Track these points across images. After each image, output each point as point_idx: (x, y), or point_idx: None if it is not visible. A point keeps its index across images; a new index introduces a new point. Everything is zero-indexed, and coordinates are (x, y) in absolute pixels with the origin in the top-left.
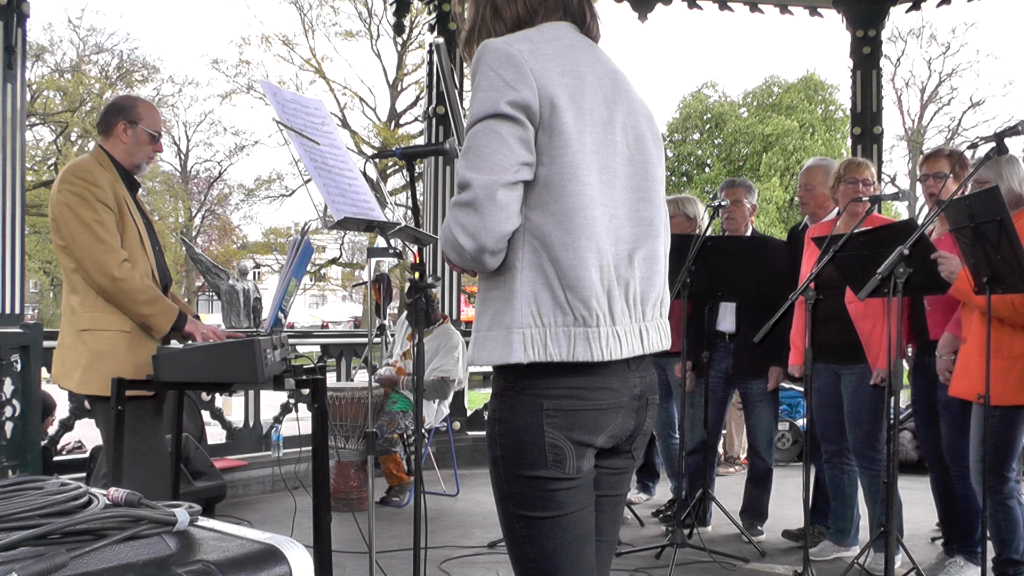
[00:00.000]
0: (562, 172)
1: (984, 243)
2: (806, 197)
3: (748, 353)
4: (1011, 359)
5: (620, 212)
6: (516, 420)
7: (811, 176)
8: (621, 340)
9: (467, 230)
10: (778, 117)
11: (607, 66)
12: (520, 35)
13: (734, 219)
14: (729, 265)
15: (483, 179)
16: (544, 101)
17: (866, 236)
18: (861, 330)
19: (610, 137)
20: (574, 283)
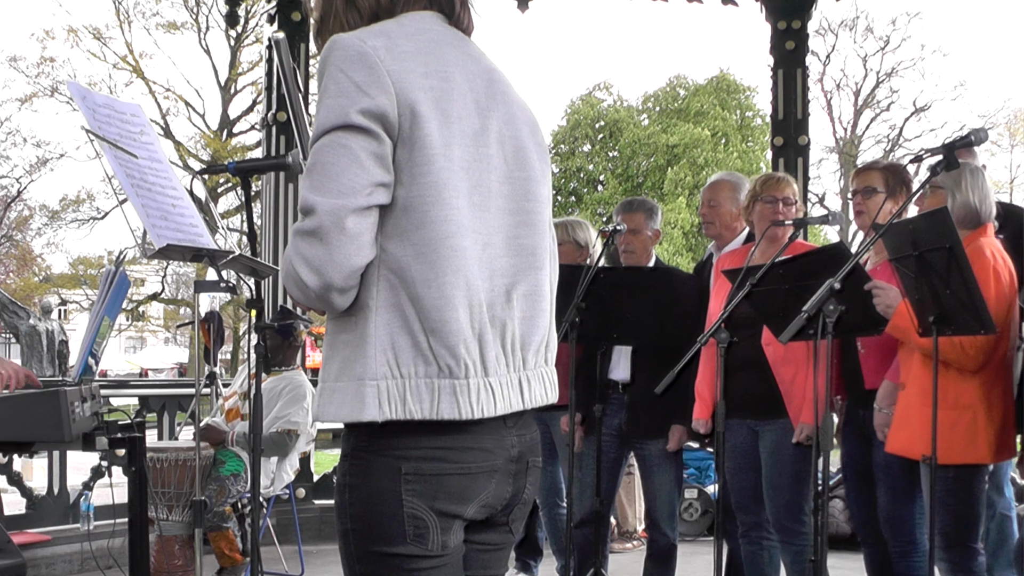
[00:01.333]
0: (425, 194)
1: (930, 275)
2: (710, 216)
3: (645, 407)
4: (958, 410)
5: (496, 240)
6: (369, 487)
7: (717, 192)
8: (496, 394)
9: (311, 264)
10: (685, 125)
11: (480, 64)
12: (376, 28)
13: (633, 247)
14: (627, 302)
15: (330, 203)
16: (403, 109)
17: (788, 267)
18: (782, 378)
19: (483, 150)
20: (439, 326)
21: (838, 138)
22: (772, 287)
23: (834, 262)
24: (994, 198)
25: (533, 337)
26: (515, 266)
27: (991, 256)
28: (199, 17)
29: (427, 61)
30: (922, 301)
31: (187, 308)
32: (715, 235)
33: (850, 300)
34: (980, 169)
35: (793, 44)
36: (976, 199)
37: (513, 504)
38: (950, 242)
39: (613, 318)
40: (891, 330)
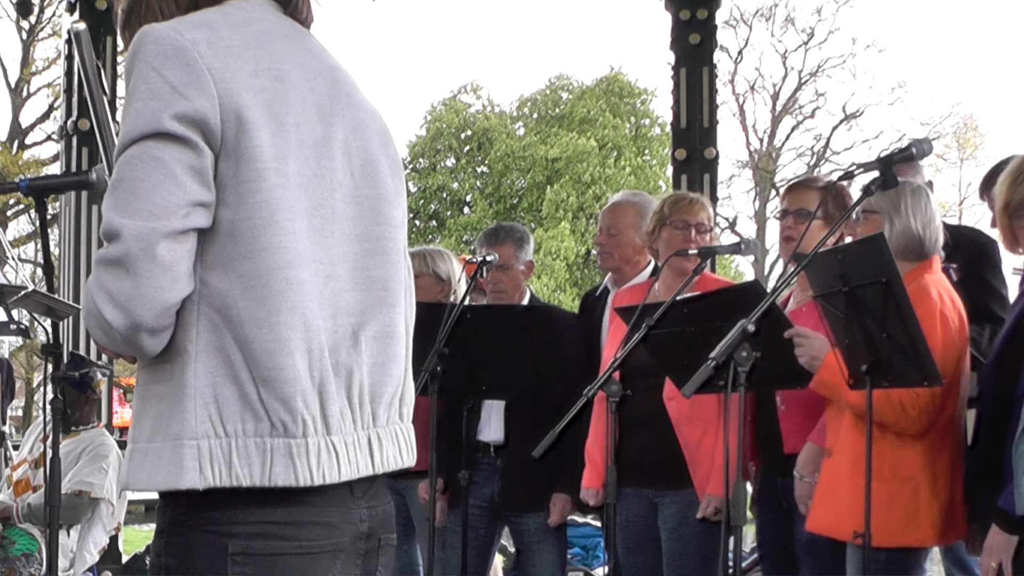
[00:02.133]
0: (254, 215)
1: (863, 315)
2: (609, 246)
3: (522, 474)
4: (897, 482)
5: (340, 271)
6: (190, 569)
7: (618, 216)
8: (340, 456)
9: (115, 299)
10: (568, 135)
11: (322, 62)
12: (196, 18)
13: (502, 286)
14: (497, 347)
15: (138, 226)
16: (228, 114)
17: (693, 305)
18: (686, 440)
19: (326, 163)
20: (271, 374)
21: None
22: (674, 329)
23: (749, 301)
24: (940, 224)
25: (385, 387)
26: (363, 302)
27: (938, 297)
28: None
29: (257, 57)
30: (853, 347)
31: None
32: (613, 268)
33: (767, 346)
34: (923, 188)
35: (698, 38)
36: (919, 225)
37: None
38: (886, 275)
39: (482, 366)
40: (817, 386)
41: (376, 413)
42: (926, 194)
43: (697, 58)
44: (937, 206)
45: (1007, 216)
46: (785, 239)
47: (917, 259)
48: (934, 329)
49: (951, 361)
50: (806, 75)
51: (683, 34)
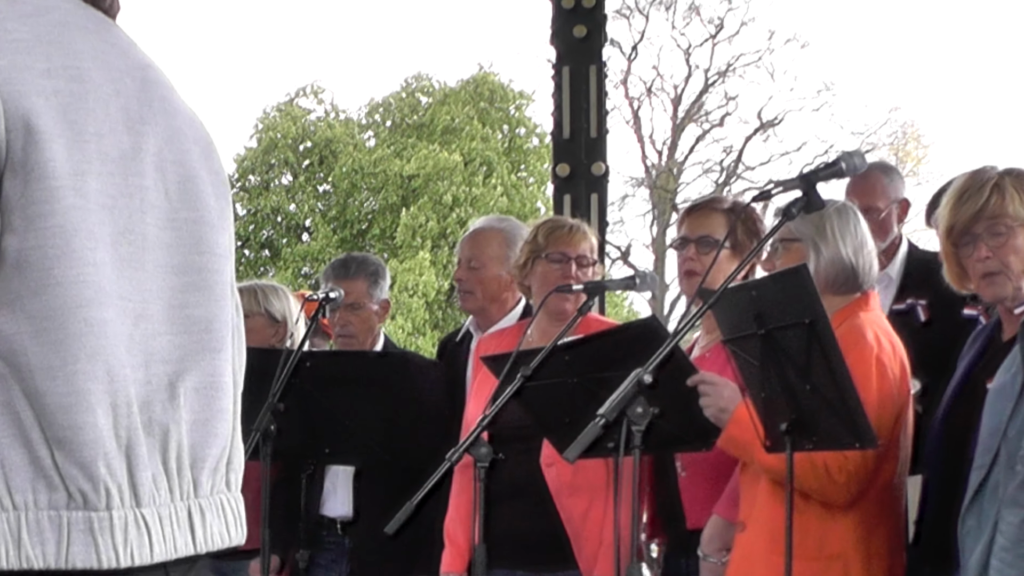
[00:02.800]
0: (45, 244)
1: (782, 363)
2: (470, 283)
3: (373, 553)
4: (823, 560)
5: (154, 310)
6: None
7: (480, 246)
8: (152, 532)
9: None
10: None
11: (130, 59)
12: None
13: (350, 329)
14: (344, 402)
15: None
16: (14, 122)
17: (577, 351)
18: (569, 514)
19: (135, 181)
20: (68, 434)
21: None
22: (554, 381)
23: (644, 345)
24: (874, 249)
25: (208, 449)
26: (182, 347)
27: (874, 340)
28: None
29: (50, 54)
30: (770, 401)
31: None
32: (475, 309)
33: (667, 399)
34: (850, 207)
35: (584, 30)
36: (849, 251)
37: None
38: (810, 315)
39: (325, 425)
40: (726, 445)
41: (198, 480)
42: (854, 214)
43: (583, 54)
44: (867, 229)
45: (951, 243)
46: (686, 273)
47: (849, 293)
48: (869, 380)
49: (889, 418)
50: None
51: (566, 26)
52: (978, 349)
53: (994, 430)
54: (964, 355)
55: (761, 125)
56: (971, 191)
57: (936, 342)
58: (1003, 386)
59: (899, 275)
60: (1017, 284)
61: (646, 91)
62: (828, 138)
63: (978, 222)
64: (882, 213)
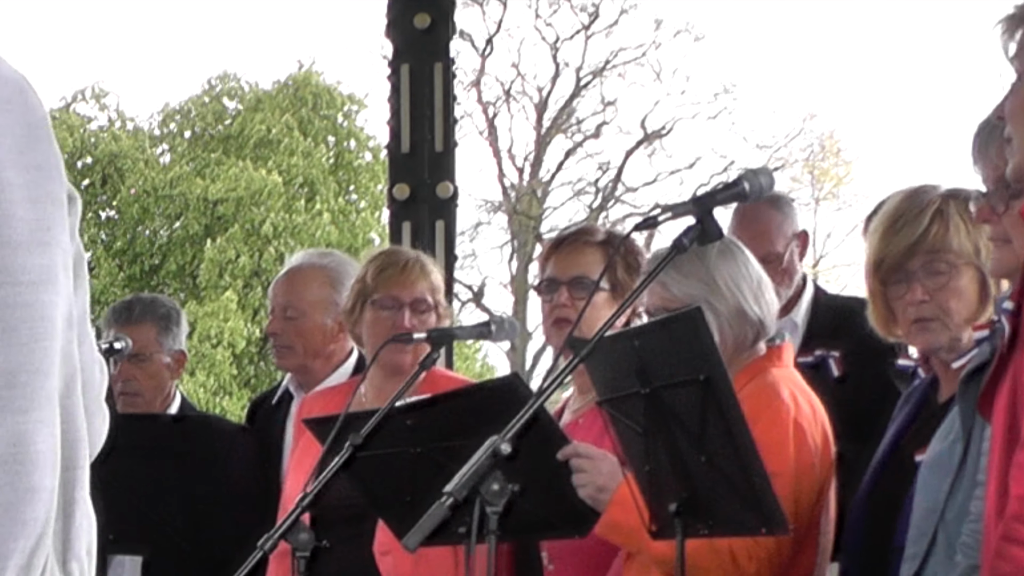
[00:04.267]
0: None
1: (672, 429)
2: (288, 336)
3: None
4: None
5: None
6: None
7: (297, 289)
8: None
9: None
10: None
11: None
12: None
13: (136, 386)
14: (132, 477)
15: None
16: None
17: (421, 414)
18: None
19: None
20: None
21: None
22: (392, 450)
23: (502, 408)
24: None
25: (10, 544)
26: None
27: (791, 400)
28: None
29: None
30: (657, 476)
31: None
32: (295, 367)
33: (531, 474)
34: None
35: (428, 19)
36: (750, 300)
37: None
38: (706, 370)
39: (110, 506)
40: (606, 531)
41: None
42: (740, 251)
43: (426, 50)
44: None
45: (879, 279)
46: (555, 321)
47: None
48: (785, 448)
49: (808, 495)
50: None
51: (405, 14)
52: (909, 413)
53: (929, 511)
54: (893, 420)
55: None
56: (907, 217)
57: (851, 401)
58: (938, 457)
59: (804, 322)
60: (956, 334)
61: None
62: (728, 152)
63: (914, 256)
64: (783, 257)
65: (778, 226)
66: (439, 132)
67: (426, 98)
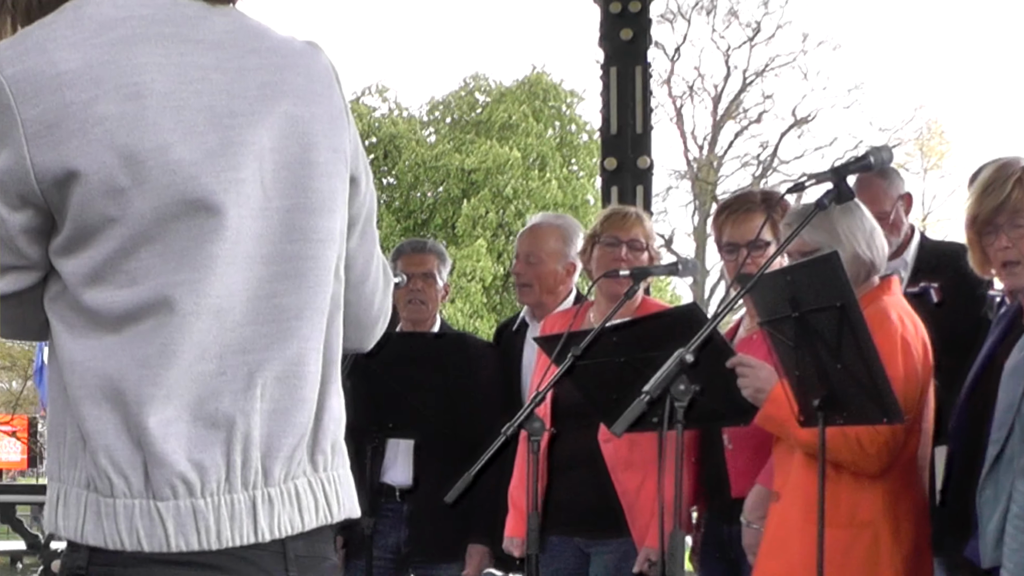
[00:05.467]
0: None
1: (815, 344)
2: (528, 276)
3: (433, 521)
4: (854, 528)
5: (236, 303)
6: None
7: (538, 241)
8: (167, 522)
9: None
10: (486, 143)
11: (225, 52)
12: (36, 36)
13: (422, 305)
14: (406, 380)
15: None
16: (46, 174)
17: (624, 332)
18: (624, 487)
19: (227, 175)
20: (81, 426)
21: (691, 159)
22: (602, 360)
23: (687, 327)
24: (881, 232)
25: (284, 439)
26: (266, 336)
27: (898, 321)
28: None
29: (100, 79)
30: (804, 379)
31: None
32: (532, 302)
33: (708, 378)
34: (854, 203)
35: (630, 33)
36: (864, 246)
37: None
38: (841, 299)
39: (388, 401)
40: (762, 422)
41: (268, 469)
42: (859, 209)
43: (629, 56)
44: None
45: (975, 231)
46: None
47: (867, 283)
48: (895, 358)
49: (914, 394)
50: (751, 75)
51: (613, 29)
52: (1001, 331)
53: (1008, 406)
54: (989, 335)
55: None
56: (995, 184)
57: (948, 321)
58: (1017, 365)
59: (912, 261)
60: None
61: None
62: (858, 134)
63: (1000, 214)
64: (891, 215)
65: (884, 191)
66: (639, 118)
67: (629, 93)
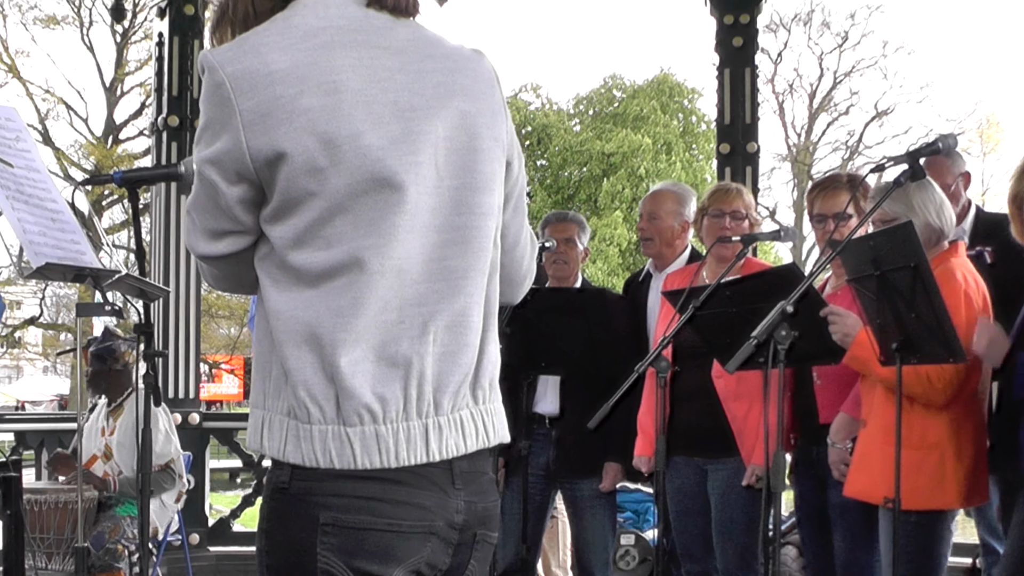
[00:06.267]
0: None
1: (893, 297)
2: (650, 231)
3: (576, 443)
4: (924, 449)
5: (414, 264)
6: (285, 534)
7: (658, 204)
8: (355, 445)
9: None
10: (622, 131)
11: (405, 56)
12: (252, 41)
13: (565, 264)
14: (555, 327)
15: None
16: (259, 155)
17: (736, 288)
18: (733, 415)
19: (408, 159)
20: (284, 365)
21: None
22: (718, 310)
23: (787, 283)
24: (950, 206)
25: (451, 376)
26: (437, 293)
27: (962, 279)
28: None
29: (305, 77)
30: (884, 326)
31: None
32: (654, 254)
33: (804, 326)
34: (928, 182)
35: (741, 41)
36: (934, 216)
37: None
38: (915, 260)
39: (541, 345)
40: (850, 361)
41: (439, 402)
42: (931, 185)
43: (740, 60)
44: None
45: (1016, 206)
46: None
47: (937, 247)
48: (959, 309)
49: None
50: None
51: (727, 37)
52: None
53: None
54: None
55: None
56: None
57: (999, 279)
58: None
59: (969, 229)
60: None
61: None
62: (928, 124)
63: None
64: (951, 187)
65: (948, 168)
66: (748, 111)
67: (739, 90)
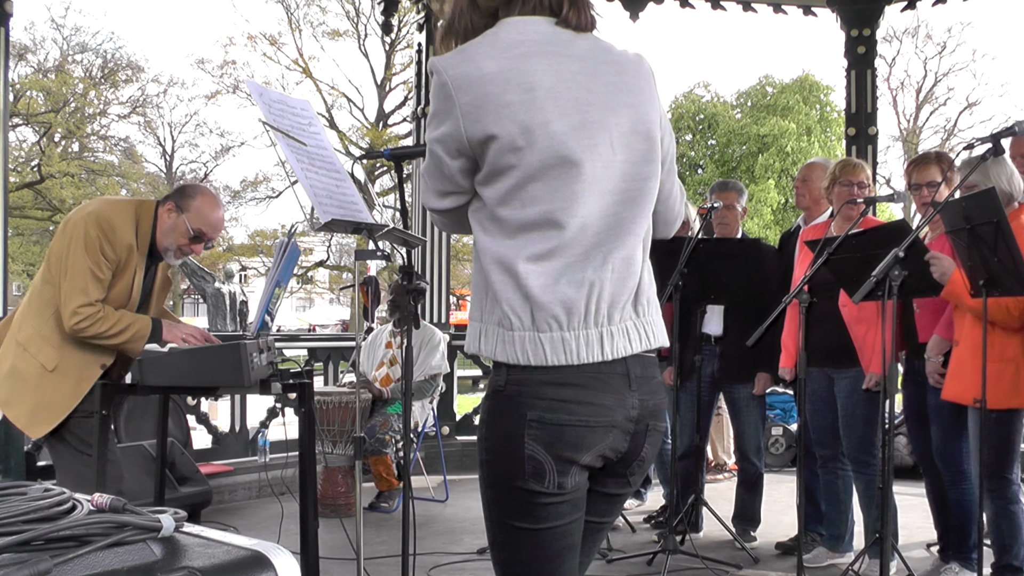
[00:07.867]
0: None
1: (980, 246)
2: (803, 190)
3: (736, 357)
4: (1003, 362)
5: (595, 219)
6: (499, 427)
7: (811, 171)
8: (547, 346)
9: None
10: (773, 118)
11: (584, 63)
12: (468, 52)
13: (727, 222)
14: (721, 268)
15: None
16: (475, 138)
17: (860, 238)
18: (855, 334)
19: (585, 142)
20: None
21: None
22: (847, 256)
23: (898, 235)
24: (1019, 175)
25: (621, 296)
26: (614, 237)
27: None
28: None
29: (508, 79)
30: (973, 268)
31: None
32: (805, 207)
33: (912, 267)
34: (1001, 158)
35: (864, 49)
36: (1005, 182)
37: (630, 459)
38: (997, 217)
39: (710, 282)
40: (946, 295)
41: (611, 315)
42: (1004, 160)
43: (863, 63)
44: (1013, 166)
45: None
46: (922, 205)
47: (1009, 206)
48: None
49: None
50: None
51: (853, 46)
52: None
53: None
54: None
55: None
56: None
57: None
58: None
59: None
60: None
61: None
62: (1007, 112)
63: None
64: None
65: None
66: (869, 102)
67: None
